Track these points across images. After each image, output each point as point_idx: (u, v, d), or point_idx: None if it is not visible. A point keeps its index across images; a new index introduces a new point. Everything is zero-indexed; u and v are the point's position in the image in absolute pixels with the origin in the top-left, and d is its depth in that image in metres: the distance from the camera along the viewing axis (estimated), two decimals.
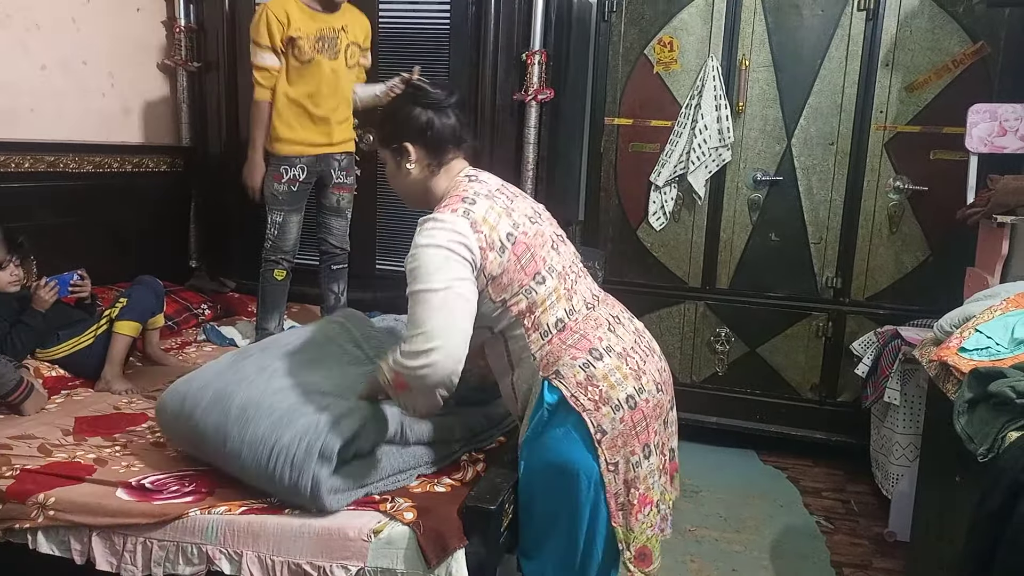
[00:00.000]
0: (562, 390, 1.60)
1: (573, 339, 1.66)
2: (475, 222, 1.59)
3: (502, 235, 1.62)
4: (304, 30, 2.80)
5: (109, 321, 2.58)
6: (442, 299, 1.53)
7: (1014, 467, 1.34)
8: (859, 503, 3.01)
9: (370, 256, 3.64)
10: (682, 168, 3.28)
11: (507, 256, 1.61)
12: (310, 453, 1.60)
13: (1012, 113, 2.63)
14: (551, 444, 1.63)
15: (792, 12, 3.12)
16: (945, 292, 2.79)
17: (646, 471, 1.66)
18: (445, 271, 1.54)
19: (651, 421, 1.67)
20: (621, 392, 1.62)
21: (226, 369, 1.91)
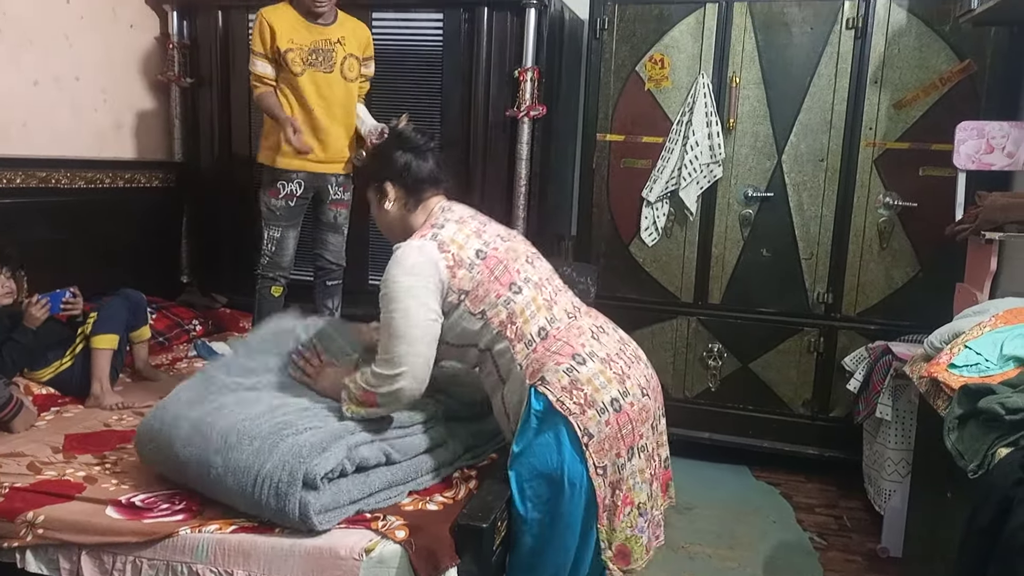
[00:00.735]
0: (548, 395, 1.66)
1: (556, 346, 1.72)
2: (442, 243, 1.74)
3: (470, 253, 1.75)
4: (297, 42, 2.81)
5: (85, 338, 2.56)
6: (405, 327, 1.69)
7: (1004, 483, 1.35)
8: (852, 519, 3.01)
9: (363, 271, 3.63)
10: (674, 184, 3.29)
11: (478, 271, 1.73)
12: (294, 480, 1.59)
13: (999, 131, 2.65)
14: (540, 452, 1.67)
15: (782, 30, 3.16)
16: (935, 307, 2.80)
17: (629, 472, 1.71)
18: (410, 300, 1.69)
19: (636, 424, 1.73)
20: (606, 395, 1.68)
21: (197, 400, 1.87)
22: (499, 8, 3.28)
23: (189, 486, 1.81)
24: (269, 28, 2.79)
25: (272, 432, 1.69)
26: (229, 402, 1.84)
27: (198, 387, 1.96)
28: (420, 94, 3.46)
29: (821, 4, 3.11)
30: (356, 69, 2.98)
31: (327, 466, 1.62)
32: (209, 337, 3.33)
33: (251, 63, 2.86)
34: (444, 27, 3.38)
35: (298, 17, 2.84)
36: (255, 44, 2.83)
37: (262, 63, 2.83)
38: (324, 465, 1.62)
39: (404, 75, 3.47)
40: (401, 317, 1.69)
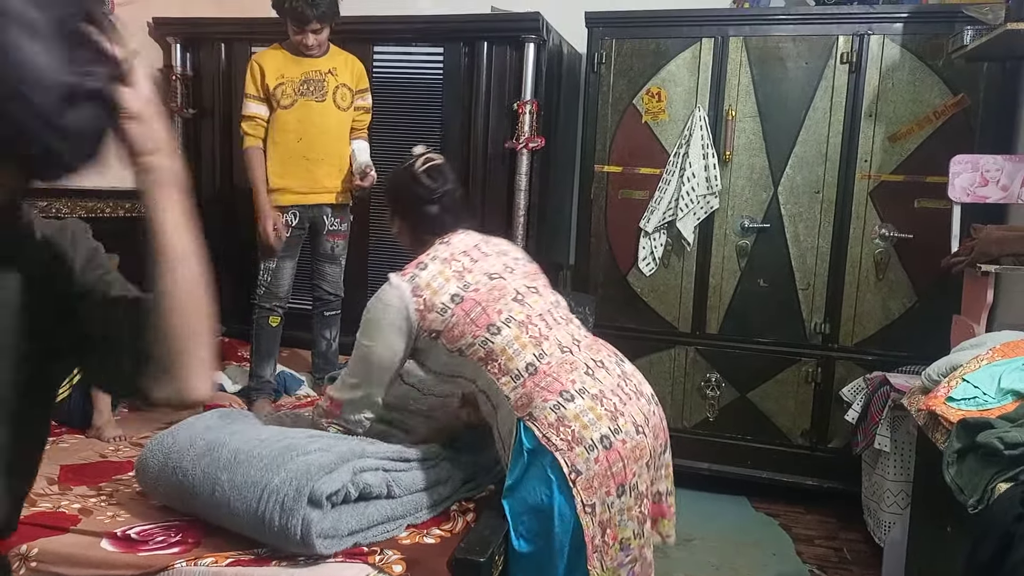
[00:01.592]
0: (535, 431, 1.69)
1: (545, 382, 1.74)
2: (416, 287, 1.84)
3: (444, 298, 1.83)
4: (287, 76, 2.85)
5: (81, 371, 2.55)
6: (366, 354, 1.88)
7: (1004, 518, 1.34)
8: (852, 551, 2.99)
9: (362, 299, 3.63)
10: (671, 215, 3.32)
11: (450, 314, 1.81)
12: (300, 495, 1.60)
13: (993, 164, 2.68)
14: (529, 487, 1.69)
15: (777, 65, 3.20)
16: (932, 339, 2.81)
17: (616, 510, 1.71)
18: (377, 331, 1.86)
19: (628, 462, 1.71)
20: (595, 432, 1.68)
21: (214, 426, 1.94)
22: (498, 43, 3.33)
23: (189, 511, 1.82)
24: (259, 68, 2.85)
25: (280, 452, 1.72)
26: (241, 427, 1.90)
27: (214, 417, 2.03)
28: (420, 126, 3.50)
29: (815, 39, 3.16)
30: (349, 99, 2.99)
31: (333, 486, 1.64)
32: None
33: (243, 107, 2.90)
34: (444, 61, 3.42)
35: (287, 55, 2.88)
36: (247, 87, 2.87)
37: (254, 104, 2.87)
38: (330, 485, 1.63)
39: (405, 108, 3.51)
40: (365, 343, 1.88)
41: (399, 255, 3.58)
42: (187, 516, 1.84)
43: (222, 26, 3.71)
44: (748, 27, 3.23)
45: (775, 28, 3.21)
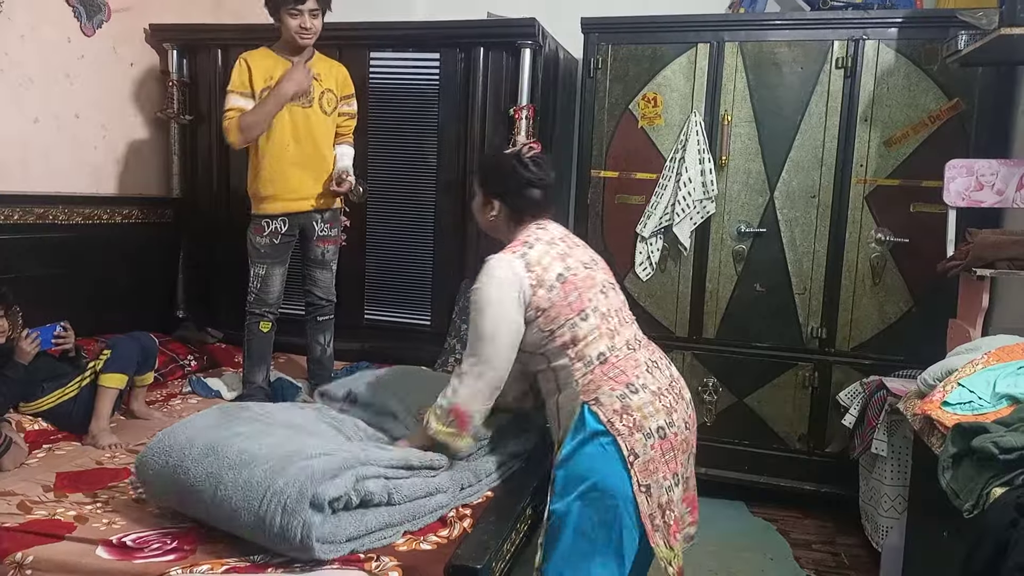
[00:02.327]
0: (600, 414, 1.81)
1: (613, 372, 1.87)
2: (529, 263, 1.88)
3: (552, 276, 1.88)
4: (276, 76, 2.82)
5: (94, 373, 2.56)
6: (492, 331, 1.85)
7: (1000, 524, 1.34)
8: (849, 556, 2.99)
9: (358, 306, 3.64)
10: (667, 220, 3.32)
11: (556, 293, 1.87)
12: (303, 497, 1.60)
13: (988, 168, 2.69)
14: (587, 462, 1.81)
15: (772, 70, 3.21)
16: (929, 343, 2.82)
17: (676, 497, 1.87)
18: (497, 308, 1.84)
19: (678, 453, 1.88)
20: (653, 423, 1.83)
21: (215, 424, 1.93)
22: (495, 48, 3.34)
23: (187, 510, 1.82)
24: (247, 67, 2.83)
25: (286, 456, 1.73)
26: (245, 430, 1.89)
27: (215, 416, 2.02)
28: (417, 132, 3.51)
29: (810, 44, 3.17)
30: (334, 104, 2.99)
31: (335, 492, 1.65)
32: (204, 373, 3.32)
33: (226, 101, 2.85)
34: (441, 67, 3.43)
35: (276, 57, 2.87)
36: (232, 83, 2.84)
37: (239, 98, 2.83)
38: (333, 490, 1.64)
39: (401, 114, 3.52)
40: (488, 323, 1.85)
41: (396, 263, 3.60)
42: (184, 524, 1.84)
43: (219, 32, 3.72)
44: (743, 32, 3.24)
45: (770, 33, 3.22)
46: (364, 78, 3.51)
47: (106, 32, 3.41)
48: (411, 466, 1.86)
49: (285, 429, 1.95)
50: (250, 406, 2.16)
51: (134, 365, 2.63)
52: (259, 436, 1.85)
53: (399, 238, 3.59)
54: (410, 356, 3.26)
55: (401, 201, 3.56)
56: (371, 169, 3.56)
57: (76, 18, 3.25)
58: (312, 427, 2.07)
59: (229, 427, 1.91)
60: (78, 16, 3.26)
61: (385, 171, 3.55)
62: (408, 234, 3.56)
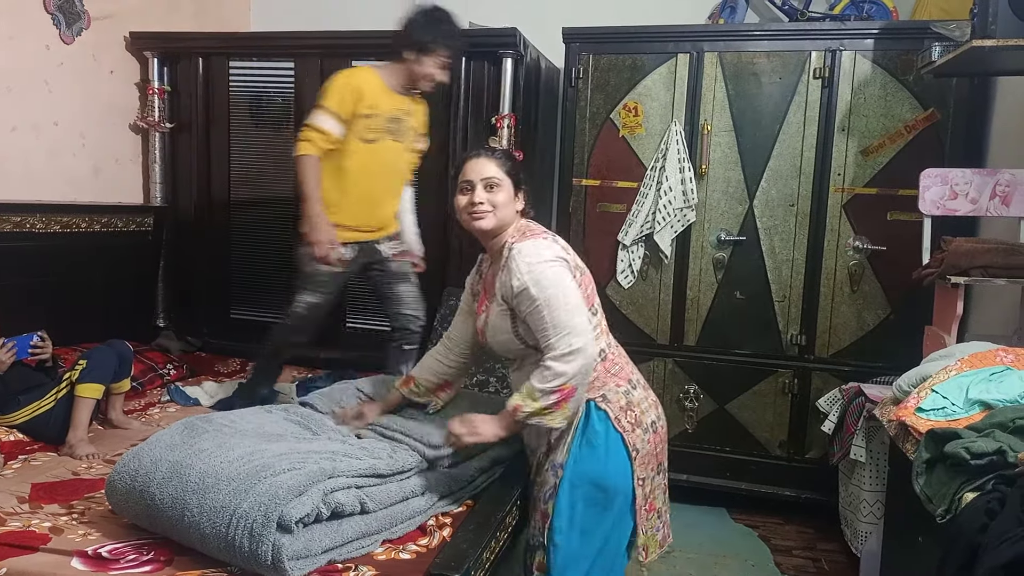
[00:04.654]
0: (608, 412, 1.88)
1: (615, 369, 1.95)
2: (563, 247, 1.94)
3: (577, 264, 1.95)
4: (380, 108, 2.67)
5: (70, 384, 2.53)
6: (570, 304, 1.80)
7: (970, 529, 1.36)
8: (829, 562, 3.01)
9: (339, 314, 3.63)
10: (648, 228, 3.34)
11: (581, 281, 1.91)
12: (269, 521, 1.58)
13: (962, 177, 2.73)
14: (595, 459, 1.87)
15: (751, 80, 3.24)
16: (906, 349, 2.84)
17: (656, 484, 1.99)
18: (563, 280, 1.83)
19: (663, 445, 2.02)
20: (648, 418, 1.95)
21: (179, 444, 1.89)
22: (476, 57, 3.36)
23: (160, 532, 1.79)
24: (356, 90, 2.62)
25: (250, 475, 1.69)
26: (209, 446, 1.85)
27: (179, 433, 1.97)
28: None
29: (789, 55, 3.20)
30: (414, 141, 2.88)
31: (303, 510, 1.62)
32: (183, 381, 3.30)
33: (316, 117, 2.61)
34: None
35: (381, 83, 2.69)
36: (331, 102, 2.60)
37: (334, 122, 2.60)
38: (300, 509, 1.61)
39: None
40: (563, 295, 1.80)
41: None
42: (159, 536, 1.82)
43: (200, 40, 3.72)
44: (723, 43, 3.27)
45: (749, 44, 3.25)
46: None
47: (85, 40, 3.39)
48: (380, 474, 1.85)
49: (250, 439, 1.93)
50: (213, 418, 2.11)
51: (110, 374, 2.61)
52: (223, 451, 1.81)
53: None
54: None
55: None
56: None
57: (55, 26, 3.24)
58: (279, 428, 2.04)
59: (192, 444, 1.87)
60: (57, 24, 3.24)
61: None
62: None
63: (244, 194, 3.72)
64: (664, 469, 2.05)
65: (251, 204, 3.71)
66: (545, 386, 1.79)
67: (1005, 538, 1.23)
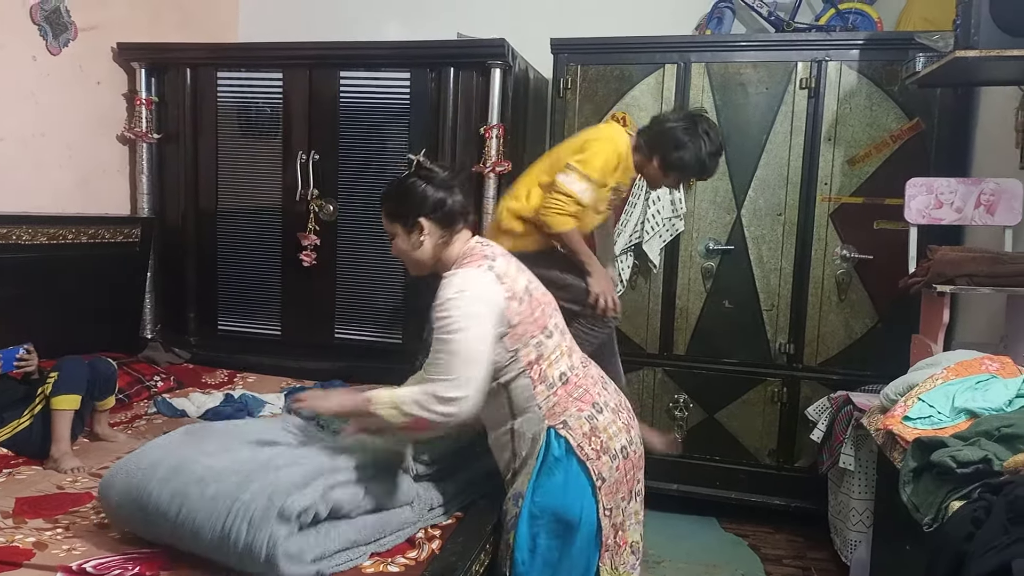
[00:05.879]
0: (569, 439, 1.78)
1: (577, 392, 1.84)
2: (499, 275, 1.77)
3: (521, 288, 1.80)
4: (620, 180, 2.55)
5: (44, 398, 2.50)
6: (469, 350, 1.67)
7: (956, 537, 1.37)
8: (819, 570, 3.01)
9: (329, 324, 3.62)
10: (637, 237, 3.35)
11: (525, 306, 1.78)
12: (270, 508, 1.58)
13: (947, 187, 2.75)
14: (555, 490, 1.79)
15: (738, 90, 3.26)
16: (894, 357, 2.86)
17: (627, 514, 1.88)
18: (475, 324, 1.69)
19: (636, 471, 1.91)
20: (617, 443, 1.84)
21: (180, 445, 1.89)
22: (465, 68, 3.37)
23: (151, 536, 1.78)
24: (619, 159, 2.47)
25: (254, 469, 1.71)
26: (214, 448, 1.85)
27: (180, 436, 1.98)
28: (388, 151, 3.52)
29: (775, 65, 3.23)
30: None
31: (304, 502, 1.62)
32: (171, 393, 3.27)
33: (576, 184, 2.40)
34: (411, 86, 3.45)
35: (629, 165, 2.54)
36: (592, 166, 2.41)
37: (588, 187, 2.41)
38: (301, 501, 1.61)
39: (372, 132, 3.53)
40: (471, 340, 1.67)
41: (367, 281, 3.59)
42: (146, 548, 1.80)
43: (188, 51, 3.71)
44: (710, 53, 3.29)
45: (736, 54, 3.27)
46: (335, 97, 3.52)
47: (72, 51, 3.38)
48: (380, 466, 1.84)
49: (252, 443, 1.92)
50: (214, 425, 2.13)
51: (84, 383, 2.56)
52: (226, 452, 1.82)
53: (370, 256, 3.59)
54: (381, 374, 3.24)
55: (372, 220, 3.56)
56: (342, 188, 3.56)
57: (42, 37, 3.22)
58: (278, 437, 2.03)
59: (196, 445, 1.88)
60: (44, 35, 3.23)
61: (356, 190, 3.56)
62: (379, 252, 3.56)
63: (232, 205, 3.70)
64: (637, 494, 1.94)
65: (239, 215, 3.70)
66: (409, 408, 1.66)
67: (991, 547, 1.24)
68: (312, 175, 3.52)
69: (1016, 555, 1.18)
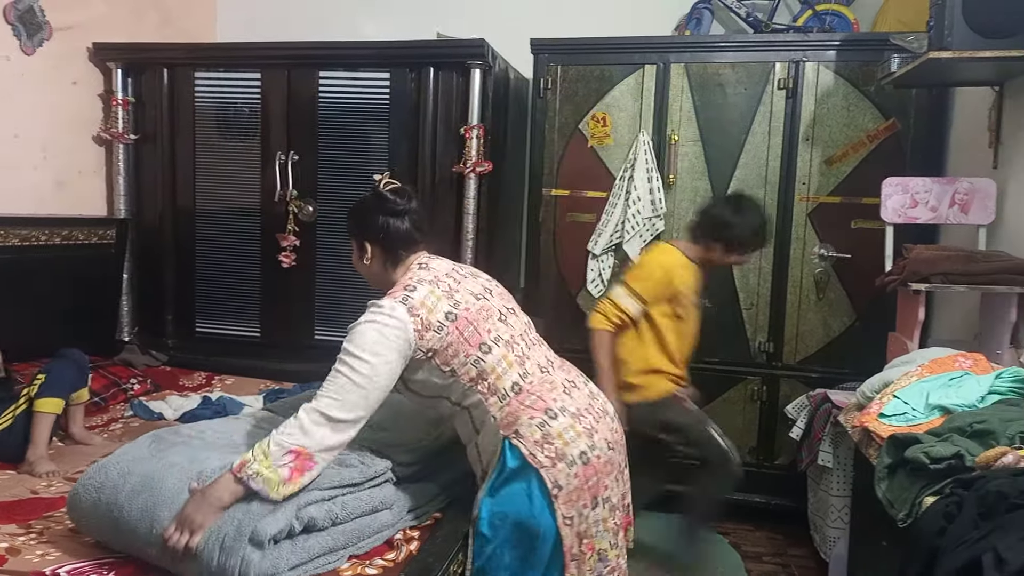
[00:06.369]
0: (521, 448, 1.75)
1: (530, 400, 1.81)
2: (412, 307, 1.77)
3: (439, 316, 1.78)
4: (688, 282, 2.71)
5: (28, 400, 2.47)
6: (368, 378, 1.70)
7: (929, 532, 1.38)
8: (799, 567, 3.03)
9: (308, 326, 3.60)
10: (617, 237, 3.36)
11: (447, 332, 1.77)
12: (241, 535, 1.56)
13: (922, 186, 2.78)
14: (511, 500, 1.77)
15: (717, 91, 3.28)
16: (871, 355, 2.88)
17: (592, 520, 1.81)
18: (375, 354, 1.71)
19: (602, 476, 1.83)
20: (575, 449, 1.78)
21: (148, 457, 1.85)
22: (444, 68, 3.36)
23: (122, 549, 1.76)
24: (663, 270, 2.69)
25: None
26: (180, 460, 1.82)
27: (147, 446, 1.93)
28: (368, 151, 3.51)
29: (753, 66, 3.25)
30: None
31: (276, 526, 1.59)
32: (148, 396, 3.24)
33: (619, 296, 2.69)
34: (391, 86, 3.43)
35: (689, 264, 2.74)
36: (639, 280, 2.68)
37: (634, 302, 2.67)
38: (273, 525, 1.59)
39: (352, 133, 3.51)
40: (366, 368, 1.70)
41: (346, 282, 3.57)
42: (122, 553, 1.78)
43: (165, 51, 3.68)
44: (689, 54, 3.31)
45: (715, 55, 3.29)
46: (314, 97, 3.50)
47: (47, 51, 3.34)
48: (354, 482, 1.83)
49: (221, 451, 1.90)
50: (181, 430, 2.08)
51: (70, 389, 2.55)
52: (194, 465, 1.77)
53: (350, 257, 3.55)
54: None
55: None
56: (321, 189, 3.54)
57: (15, 36, 3.18)
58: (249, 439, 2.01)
59: (163, 457, 1.84)
60: (17, 35, 3.19)
61: (335, 191, 3.54)
62: None
63: (210, 206, 3.67)
64: (606, 502, 1.85)
65: (217, 216, 3.67)
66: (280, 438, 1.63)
67: (962, 541, 1.25)
68: (291, 176, 3.50)
69: (986, 550, 1.19)
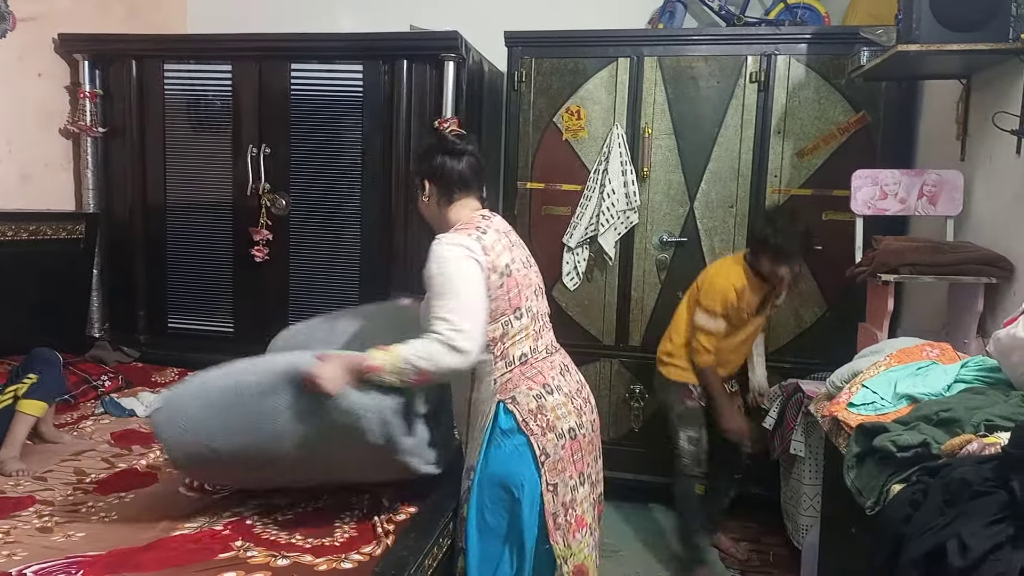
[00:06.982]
0: (516, 414, 1.86)
1: (531, 373, 1.90)
2: (486, 246, 1.85)
3: (503, 264, 1.87)
4: (750, 304, 2.86)
5: (14, 398, 2.43)
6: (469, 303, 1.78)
7: (896, 519, 1.40)
8: (774, 555, 3.07)
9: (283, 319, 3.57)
10: (592, 230, 3.37)
11: (502, 283, 1.85)
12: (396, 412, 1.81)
13: (891, 178, 2.81)
14: (501, 459, 1.86)
15: (690, 84, 3.30)
16: (842, 346, 2.90)
17: (581, 496, 1.91)
18: (469, 277, 1.79)
19: (586, 454, 1.95)
20: (565, 424, 1.89)
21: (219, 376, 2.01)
22: (418, 61, 3.34)
23: (231, 445, 1.90)
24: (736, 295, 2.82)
25: None
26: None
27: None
28: (341, 144, 3.48)
29: (726, 59, 3.27)
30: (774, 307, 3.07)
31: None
32: (119, 393, 3.20)
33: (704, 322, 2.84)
34: (364, 78, 3.41)
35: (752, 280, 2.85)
36: (716, 303, 2.82)
37: (714, 320, 2.83)
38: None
39: (325, 125, 3.49)
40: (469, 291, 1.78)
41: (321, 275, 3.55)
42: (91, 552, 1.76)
43: (133, 43, 3.62)
44: (662, 47, 3.32)
45: (688, 48, 3.30)
46: (286, 90, 3.47)
47: (10, 42, 3.27)
48: None
49: None
50: None
51: (56, 396, 2.52)
52: None
53: (324, 251, 3.55)
54: None
55: (325, 214, 3.52)
56: (294, 182, 3.51)
57: None
58: None
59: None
60: None
61: (308, 184, 3.51)
62: (333, 247, 3.52)
63: (181, 200, 3.63)
64: (589, 480, 1.96)
65: (189, 210, 3.63)
66: (419, 363, 1.75)
67: (927, 528, 1.27)
68: (263, 169, 3.47)
69: (950, 536, 1.21)
